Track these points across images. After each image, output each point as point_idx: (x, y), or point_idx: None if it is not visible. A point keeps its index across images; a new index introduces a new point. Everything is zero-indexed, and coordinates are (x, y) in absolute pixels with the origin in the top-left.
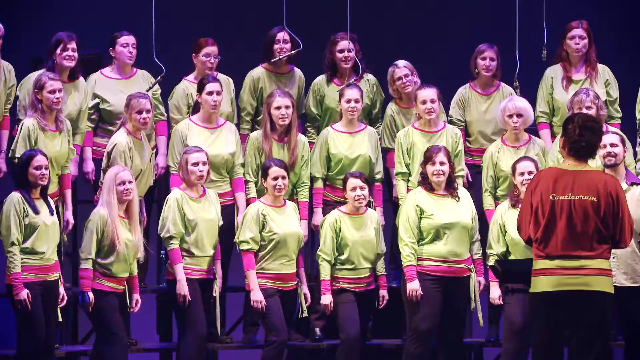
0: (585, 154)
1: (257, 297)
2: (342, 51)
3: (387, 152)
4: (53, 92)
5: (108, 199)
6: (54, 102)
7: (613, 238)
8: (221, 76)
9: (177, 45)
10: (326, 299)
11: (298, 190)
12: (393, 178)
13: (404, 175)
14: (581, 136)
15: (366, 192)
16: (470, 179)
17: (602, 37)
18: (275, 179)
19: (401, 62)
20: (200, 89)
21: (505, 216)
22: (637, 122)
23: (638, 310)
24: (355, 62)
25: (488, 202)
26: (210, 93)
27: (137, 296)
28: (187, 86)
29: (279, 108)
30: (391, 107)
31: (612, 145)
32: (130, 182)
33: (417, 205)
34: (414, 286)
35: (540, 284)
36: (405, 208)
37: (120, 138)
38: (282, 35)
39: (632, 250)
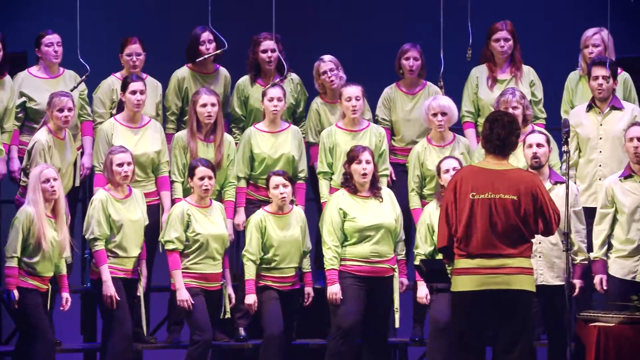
0: (498, 149)
1: (183, 296)
2: (265, 52)
3: (311, 147)
4: None
5: (34, 197)
6: None
7: (537, 232)
8: (150, 79)
9: (104, 45)
10: (250, 299)
11: (224, 190)
12: None
13: (327, 175)
14: (491, 130)
15: (289, 190)
16: (394, 178)
17: (526, 37)
18: (202, 178)
19: (327, 57)
20: (123, 88)
21: (434, 216)
22: (562, 122)
23: (563, 309)
24: (279, 62)
25: (414, 201)
26: (133, 92)
27: (66, 294)
28: (113, 81)
29: (204, 106)
30: (316, 102)
31: (538, 145)
32: (55, 179)
33: (340, 209)
34: (334, 289)
35: (462, 283)
36: (328, 211)
37: (40, 136)
38: (206, 35)
39: (557, 248)
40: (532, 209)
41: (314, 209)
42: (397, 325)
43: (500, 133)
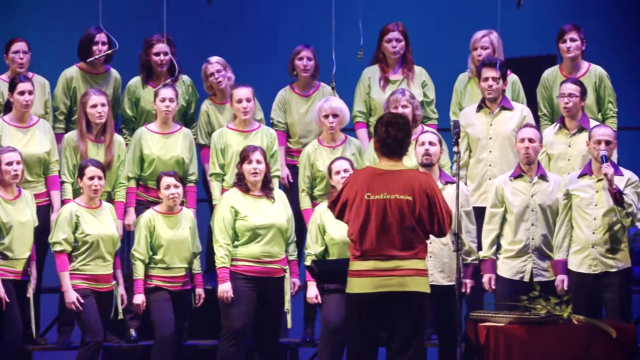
0: (394, 151)
1: (70, 298)
2: (157, 54)
3: (202, 149)
4: None
5: None
6: None
7: (432, 232)
8: (37, 77)
9: None
10: (138, 299)
11: (115, 190)
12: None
13: (218, 176)
14: (387, 133)
15: (180, 190)
16: (292, 180)
17: (419, 38)
18: (92, 178)
19: (214, 58)
20: (11, 89)
21: (325, 216)
22: (451, 123)
23: (454, 309)
24: (171, 63)
25: (305, 202)
26: (21, 93)
27: None
28: None
29: (94, 106)
30: (205, 103)
31: (430, 143)
32: None
33: (232, 207)
34: (225, 287)
35: (356, 286)
36: (220, 209)
37: None
38: (101, 36)
39: (448, 248)
40: (426, 209)
41: (205, 211)
42: (289, 326)
43: (397, 135)
